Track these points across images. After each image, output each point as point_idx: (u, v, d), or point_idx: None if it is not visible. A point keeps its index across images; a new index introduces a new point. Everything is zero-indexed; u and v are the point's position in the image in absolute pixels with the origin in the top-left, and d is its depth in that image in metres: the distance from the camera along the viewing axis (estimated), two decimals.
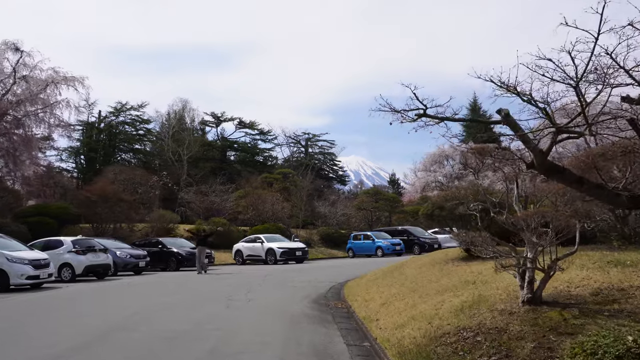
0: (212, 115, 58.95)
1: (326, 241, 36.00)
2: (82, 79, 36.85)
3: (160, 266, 22.62)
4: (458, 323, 6.48)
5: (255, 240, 26.73)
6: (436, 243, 31.22)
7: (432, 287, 9.14)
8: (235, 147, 61.23)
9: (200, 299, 12.04)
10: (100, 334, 7.82)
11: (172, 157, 46.82)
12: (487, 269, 9.42)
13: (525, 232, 6.63)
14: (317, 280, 15.31)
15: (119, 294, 13.22)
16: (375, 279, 12.75)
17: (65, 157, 51.75)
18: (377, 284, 11.79)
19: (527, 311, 6.36)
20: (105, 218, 25.91)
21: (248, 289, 13.34)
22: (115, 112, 52.97)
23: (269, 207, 34.50)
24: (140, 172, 33.05)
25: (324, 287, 13.68)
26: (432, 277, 10.10)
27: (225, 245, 29.58)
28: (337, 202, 40.85)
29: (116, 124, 53.70)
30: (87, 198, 25.62)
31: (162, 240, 23.15)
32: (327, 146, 66.01)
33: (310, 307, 10.37)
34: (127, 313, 9.86)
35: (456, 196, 10.41)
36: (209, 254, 22.69)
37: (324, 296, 12.07)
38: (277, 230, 31.18)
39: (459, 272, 9.83)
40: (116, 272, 19.43)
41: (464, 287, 8.38)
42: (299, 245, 26.65)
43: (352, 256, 31.47)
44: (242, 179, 42.40)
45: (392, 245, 29.65)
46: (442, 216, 11.16)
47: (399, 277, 11.56)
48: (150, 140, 55.47)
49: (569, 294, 6.92)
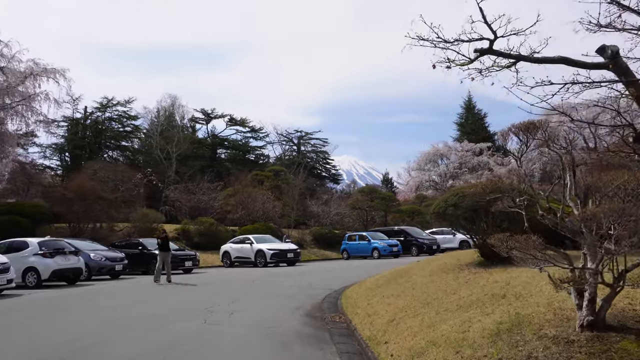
0: (202, 112, 57.24)
1: (319, 242, 34.43)
2: (63, 71, 34.91)
3: (140, 269, 20.93)
4: (498, 354, 4.92)
5: (243, 241, 25.09)
6: (435, 244, 29.79)
7: (450, 301, 7.58)
8: (226, 144, 59.53)
9: (176, 310, 10.42)
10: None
11: (160, 154, 45.06)
12: (514, 278, 7.89)
13: (586, 235, 5.10)
14: (310, 287, 13.73)
15: (82, 305, 11.51)
16: (377, 286, 11.18)
17: (49, 154, 49.92)
18: (380, 293, 10.22)
19: (591, 339, 4.81)
20: (83, 217, 24.13)
21: (232, 298, 11.74)
22: (101, 107, 51.03)
23: (260, 206, 32.85)
24: (123, 169, 31.25)
25: (319, 295, 12.11)
26: (447, 287, 8.55)
27: (213, 246, 27.96)
28: (330, 201, 39.28)
29: (102, 120, 51.80)
30: (63, 196, 23.81)
31: (143, 241, 21.43)
32: (320, 144, 64.57)
33: (303, 322, 8.79)
34: (81, 333, 8.22)
35: (495, 188, 8.87)
36: (192, 257, 21.03)
37: (319, 307, 10.50)
38: (267, 230, 29.56)
39: (479, 282, 8.29)
40: (90, 276, 17.74)
41: (492, 301, 6.83)
42: (291, 247, 25.03)
43: (347, 258, 29.93)
44: (231, 176, 40.70)
45: (389, 247, 28.13)
46: (456, 215, 9.61)
47: (405, 285, 9.99)
48: (138, 137, 53.64)
49: (636, 314, 5.40)
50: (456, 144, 57.16)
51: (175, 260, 20.33)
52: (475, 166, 53.21)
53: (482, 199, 9.29)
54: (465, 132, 61.35)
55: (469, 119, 63.55)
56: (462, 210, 9.46)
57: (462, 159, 54.50)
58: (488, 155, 53.69)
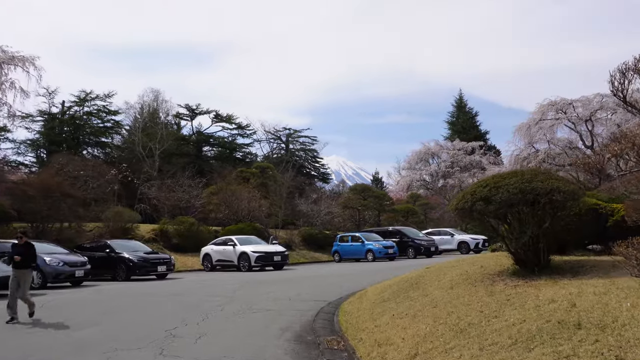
0: (186, 108, 54.57)
1: (309, 243, 32.24)
2: (32, 59, 32.49)
3: (108, 274, 18.62)
4: None
5: (226, 243, 22.81)
6: (433, 246, 27.83)
7: (495, 329, 5.46)
8: (211, 141, 56.98)
9: (128, 332, 8.20)
10: None
11: (142, 151, 42.53)
12: (578, 296, 5.81)
13: None
14: (300, 298, 11.57)
15: (8, 328, 9.15)
16: (382, 300, 9.06)
17: (23, 150, 47.14)
18: (388, 310, 8.10)
19: None
20: (47, 216, 21.70)
21: (204, 314, 9.55)
22: (79, 101, 48.21)
23: (245, 205, 30.53)
24: (94, 163, 28.76)
25: (310, 308, 9.97)
26: (483, 307, 6.44)
27: (194, 248, 25.64)
28: (320, 201, 37.12)
29: (81, 114, 49.02)
30: (24, 192, 21.37)
31: (111, 243, 19.05)
32: (309, 142, 62.39)
33: (291, 352, 6.66)
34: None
35: (546, 177, 6.89)
36: (165, 260, 18.70)
37: (310, 327, 8.35)
38: (253, 230, 27.30)
39: (527, 300, 6.20)
40: (44, 284, 15.38)
41: (564, 334, 4.73)
42: (278, 249, 22.80)
43: (339, 260, 27.80)
44: (214, 173, 38.37)
45: (385, 248, 26.05)
46: (486, 212, 7.52)
47: (421, 300, 7.88)
48: (119, 133, 50.99)
49: None
50: (447, 143, 55.76)
51: (146, 265, 18.15)
52: (467, 165, 51.81)
53: (526, 189, 7.24)
54: (457, 130, 60.15)
55: (460, 117, 62.45)
56: (496, 205, 7.37)
57: (454, 158, 53.05)
58: (480, 154, 52.32)
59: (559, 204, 7.47)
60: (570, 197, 7.35)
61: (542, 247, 7.82)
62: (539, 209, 7.49)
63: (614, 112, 35.10)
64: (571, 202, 7.70)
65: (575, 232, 9.79)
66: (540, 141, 39.64)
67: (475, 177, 46.21)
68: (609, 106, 34.92)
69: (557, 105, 37.53)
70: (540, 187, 7.28)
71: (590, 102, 36.45)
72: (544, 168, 28.52)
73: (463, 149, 52.71)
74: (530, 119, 39.15)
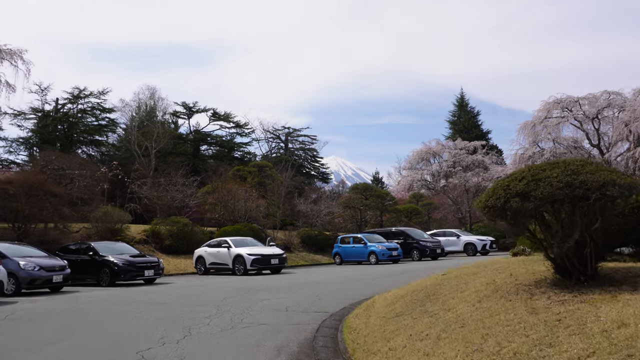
0: (183, 106, 53.25)
1: (308, 244, 30.92)
2: (20, 52, 31.12)
3: (92, 279, 17.27)
4: None
5: (220, 245, 21.46)
6: (439, 247, 26.52)
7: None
8: (209, 140, 55.64)
9: (91, 354, 6.82)
10: None
11: (138, 150, 41.20)
12: None
13: None
14: (298, 309, 10.23)
15: None
16: (395, 314, 7.71)
17: (15, 149, 45.84)
18: (403, 327, 6.76)
19: None
20: (29, 216, 20.33)
21: (187, 330, 8.20)
22: (73, 99, 46.88)
23: (242, 205, 29.22)
24: (82, 160, 27.38)
25: (310, 322, 8.63)
26: (524, 328, 5.10)
27: (187, 250, 24.39)
28: (319, 200, 35.79)
29: (75, 112, 47.64)
30: (4, 191, 20.00)
31: (95, 245, 17.68)
32: (309, 142, 61.16)
33: None
34: None
35: (598, 169, 5.61)
36: (154, 264, 17.38)
37: (310, 346, 7.01)
38: (250, 231, 25.99)
39: (585, 320, 4.86)
40: (18, 290, 14.02)
41: None
42: (275, 252, 21.45)
43: (340, 263, 26.49)
44: (209, 171, 37.00)
45: (388, 250, 24.71)
46: (524, 210, 6.17)
47: (444, 317, 6.54)
48: (114, 131, 49.65)
49: None
50: (449, 142, 54.68)
51: (132, 269, 16.82)
52: (469, 165, 50.66)
53: (574, 182, 5.92)
54: (458, 130, 59.30)
55: (461, 116, 61.56)
56: (536, 202, 6.02)
57: (456, 158, 51.84)
58: (482, 153, 51.20)
59: (612, 200, 6.14)
60: (628, 192, 6.01)
61: (588, 253, 6.49)
62: (587, 207, 6.17)
63: (621, 110, 33.87)
64: (625, 198, 6.37)
65: (616, 234, 8.52)
66: (546, 140, 38.40)
67: (480, 176, 45.08)
68: (617, 104, 33.67)
69: (562, 103, 36.22)
70: (591, 179, 5.95)
71: (597, 100, 35.11)
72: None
73: (465, 149, 51.60)
74: (535, 117, 37.87)
